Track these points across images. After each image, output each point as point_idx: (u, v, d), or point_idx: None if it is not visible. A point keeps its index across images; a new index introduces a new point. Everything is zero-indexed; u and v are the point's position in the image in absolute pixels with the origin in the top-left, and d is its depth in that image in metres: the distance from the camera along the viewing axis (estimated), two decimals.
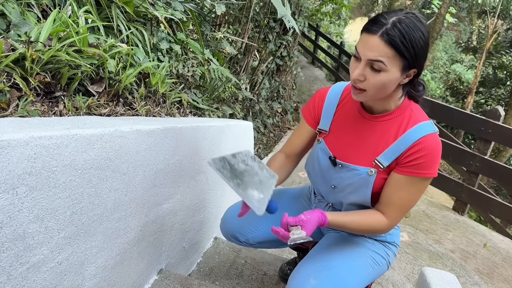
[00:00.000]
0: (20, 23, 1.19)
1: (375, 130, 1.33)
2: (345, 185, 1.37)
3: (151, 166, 1.32)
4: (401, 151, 1.26)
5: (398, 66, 1.13)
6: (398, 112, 1.29)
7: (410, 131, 1.26)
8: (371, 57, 1.12)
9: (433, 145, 1.23)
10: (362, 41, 1.14)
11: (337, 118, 1.43)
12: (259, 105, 4.37)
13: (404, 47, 1.10)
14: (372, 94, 1.20)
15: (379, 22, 1.11)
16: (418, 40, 1.12)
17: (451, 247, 3.39)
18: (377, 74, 1.14)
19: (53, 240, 0.93)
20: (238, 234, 1.61)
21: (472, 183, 3.99)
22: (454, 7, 16.65)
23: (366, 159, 1.33)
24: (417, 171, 1.25)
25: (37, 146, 0.83)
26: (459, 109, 4.01)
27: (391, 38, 1.09)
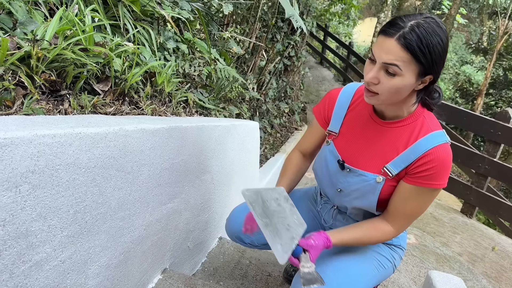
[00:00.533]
0: (27, 22, 1.19)
1: (386, 136, 1.29)
2: (352, 190, 1.36)
3: (155, 165, 1.32)
4: (411, 160, 1.22)
5: (413, 71, 1.10)
6: (411, 119, 1.26)
7: (421, 140, 1.22)
8: (386, 60, 1.08)
9: (443, 156, 1.20)
10: (378, 43, 1.11)
11: (348, 120, 1.40)
12: (266, 105, 4.36)
13: (421, 52, 1.06)
14: (385, 99, 1.17)
15: (397, 25, 1.08)
16: (436, 45, 1.08)
17: (459, 250, 3.35)
18: (392, 78, 1.11)
19: (56, 238, 0.93)
20: (243, 235, 1.60)
21: (481, 185, 3.95)
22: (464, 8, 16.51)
23: (375, 166, 1.30)
24: (426, 181, 1.22)
25: (41, 144, 0.83)
26: (468, 110, 3.97)
27: (408, 42, 1.05)
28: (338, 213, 1.52)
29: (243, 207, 1.65)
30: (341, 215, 1.51)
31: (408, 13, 1.18)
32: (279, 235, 1.21)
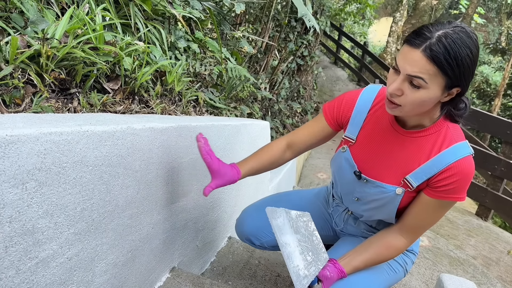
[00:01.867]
0: (38, 20, 1.20)
1: (407, 146, 1.24)
2: (369, 200, 1.33)
3: (164, 164, 1.32)
4: (434, 172, 1.18)
5: (439, 84, 1.04)
6: (434, 129, 1.20)
7: (444, 152, 1.17)
8: (411, 72, 1.03)
9: (467, 170, 1.15)
10: (403, 53, 1.05)
11: (366, 127, 1.34)
12: (278, 105, 4.35)
13: (448, 64, 1.00)
14: (408, 110, 1.11)
15: (423, 35, 1.02)
16: (464, 58, 1.01)
17: (473, 253, 3.30)
18: (416, 91, 1.05)
19: (63, 235, 0.93)
20: (253, 237, 1.60)
21: (497, 188, 3.88)
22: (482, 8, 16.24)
23: (395, 177, 1.26)
24: (448, 195, 1.19)
25: (47, 142, 0.84)
26: (484, 111, 3.90)
27: (435, 54, 1.00)
28: (350, 216, 1.50)
29: (253, 208, 1.64)
30: (353, 219, 1.49)
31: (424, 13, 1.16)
32: (299, 263, 1.21)
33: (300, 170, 4.97)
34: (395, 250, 1.31)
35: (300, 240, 1.26)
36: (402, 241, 1.31)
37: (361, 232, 1.49)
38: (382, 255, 1.32)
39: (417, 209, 1.26)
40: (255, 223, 1.59)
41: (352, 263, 1.31)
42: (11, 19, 1.16)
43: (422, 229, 1.30)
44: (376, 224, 1.44)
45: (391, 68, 1.12)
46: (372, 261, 1.33)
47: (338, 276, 1.28)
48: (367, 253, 1.32)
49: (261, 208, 1.61)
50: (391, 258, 1.35)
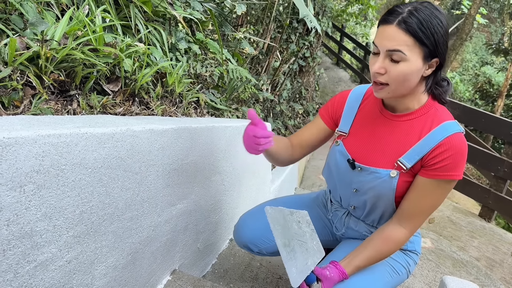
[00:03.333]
0: (37, 22, 1.20)
1: (397, 130, 1.27)
2: (367, 188, 1.32)
3: (164, 166, 1.31)
4: (426, 151, 1.20)
5: (419, 55, 1.10)
6: (422, 111, 1.24)
7: (435, 130, 1.20)
8: (390, 47, 1.09)
9: (459, 145, 1.17)
10: (379, 33, 1.12)
11: (358, 119, 1.39)
12: (280, 106, 4.34)
13: (423, 33, 1.07)
14: (395, 88, 1.15)
15: (395, 12, 1.09)
16: (436, 26, 1.09)
17: (476, 254, 3.27)
18: (398, 65, 1.10)
19: (62, 238, 0.93)
20: (251, 245, 1.58)
21: (500, 189, 3.85)
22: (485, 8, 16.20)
23: (388, 161, 1.27)
24: (443, 173, 1.19)
25: (46, 144, 0.83)
26: (487, 112, 3.88)
27: (409, 25, 1.06)
28: (351, 220, 1.48)
29: (250, 215, 1.62)
30: (354, 222, 1.47)
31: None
32: (296, 258, 1.21)
33: (302, 172, 4.96)
34: (395, 242, 1.28)
35: (297, 237, 1.26)
36: (402, 232, 1.28)
37: (362, 235, 1.48)
38: (382, 249, 1.29)
39: (414, 193, 1.25)
40: (253, 230, 1.57)
41: (353, 262, 1.29)
42: (11, 21, 1.15)
43: (421, 215, 1.26)
44: (377, 224, 1.42)
45: (371, 53, 1.17)
46: (373, 258, 1.30)
47: (339, 277, 1.27)
48: (366, 251, 1.30)
49: (258, 215, 1.60)
50: (392, 252, 1.31)
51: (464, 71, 19.63)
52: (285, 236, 1.24)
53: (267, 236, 1.55)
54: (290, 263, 1.19)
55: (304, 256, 1.23)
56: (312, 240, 1.30)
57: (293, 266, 1.19)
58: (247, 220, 1.61)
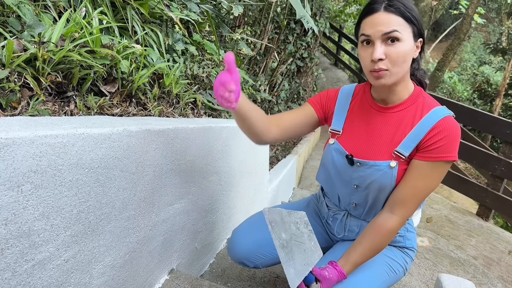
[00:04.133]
0: (35, 24, 1.21)
1: (390, 121, 1.31)
2: (368, 183, 1.32)
3: (161, 166, 1.32)
4: (421, 137, 1.23)
5: (410, 33, 1.17)
6: (411, 101, 1.29)
7: (426, 116, 1.24)
8: (385, 30, 1.14)
9: (451, 127, 1.21)
10: (369, 22, 1.17)
11: (350, 117, 1.41)
12: (278, 107, 4.35)
13: (409, 12, 1.15)
14: (396, 71, 1.19)
15: (376, 1, 1.17)
16: (413, 7, 1.18)
17: (474, 253, 3.29)
18: (396, 46, 1.15)
19: (59, 238, 0.94)
20: (247, 261, 1.56)
21: (497, 188, 3.87)
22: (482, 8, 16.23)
23: (385, 153, 1.29)
24: (438, 155, 1.21)
25: (43, 145, 0.85)
26: (484, 111, 3.89)
27: (396, 7, 1.14)
28: (352, 221, 1.48)
29: (244, 230, 1.60)
30: (355, 222, 1.47)
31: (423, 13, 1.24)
32: (294, 259, 1.22)
33: (301, 172, 4.97)
34: (388, 231, 1.28)
35: (295, 238, 1.27)
36: (393, 219, 1.28)
37: None
38: (376, 241, 1.29)
39: (408, 176, 1.26)
40: (247, 246, 1.54)
41: (350, 260, 1.30)
42: (8, 23, 1.17)
43: (413, 199, 1.26)
44: None
45: (361, 45, 1.21)
46: (369, 251, 1.30)
47: (337, 277, 1.27)
48: (361, 245, 1.30)
49: (252, 228, 1.58)
50: (387, 242, 1.31)
51: (462, 71, 19.66)
52: (283, 237, 1.25)
53: (262, 251, 1.54)
54: (288, 264, 1.20)
55: (302, 257, 1.24)
56: (310, 241, 1.31)
57: (291, 267, 1.20)
58: (241, 236, 1.58)
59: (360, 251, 1.30)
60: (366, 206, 1.40)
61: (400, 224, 1.29)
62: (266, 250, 1.54)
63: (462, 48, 19.79)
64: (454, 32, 17.66)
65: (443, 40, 22.52)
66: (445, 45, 19.53)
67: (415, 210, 1.30)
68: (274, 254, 1.54)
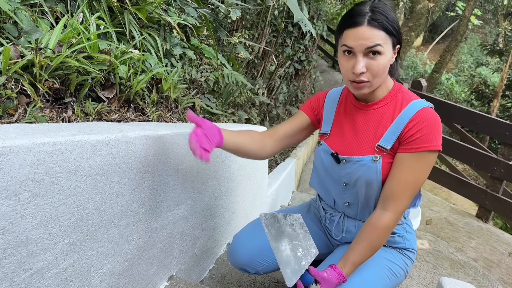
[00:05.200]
0: (32, 30, 1.20)
1: (372, 118, 1.36)
2: (355, 179, 1.35)
3: (160, 172, 1.31)
4: (401, 129, 1.27)
5: (390, 45, 1.21)
6: (391, 96, 1.34)
7: (405, 109, 1.28)
8: (369, 44, 1.17)
9: (429, 116, 1.25)
10: (351, 36, 1.19)
11: (337, 119, 1.46)
12: (277, 110, 4.35)
13: (391, 26, 1.18)
14: (376, 82, 1.25)
15: (360, 13, 1.18)
16: (394, 17, 1.21)
17: (474, 255, 3.28)
18: (377, 59, 1.19)
19: (58, 246, 0.93)
20: (247, 267, 1.55)
21: (496, 189, 3.86)
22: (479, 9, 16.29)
23: (368, 148, 1.33)
24: (420, 145, 1.24)
25: (40, 153, 0.84)
26: (482, 113, 3.89)
27: (379, 22, 1.16)
28: (348, 222, 1.48)
29: (244, 236, 1.59)
30: (352, 223, 1.47)
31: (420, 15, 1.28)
32: (290, 259, 1.23)
33: (300, 175, 4.96)
34: (382, 229, 1.28)
35: (291, 239, 1.29)
36: (387, 216, 1.28)
37: None
38: (372, 239, 1.29)
39: (395, 170, 1.28)
40: (248, 253, 1.53)
41: (348, 260, 1.30)
42: (5, 29, 1.16)
43: (404, 193, 1.27)
44: None
45: (343, 55, 1.24)
46: (366, 250, 1.30)
47: (337, 279, 1.26)
48: (358, 245, 1.31)
49: (253, 234, 1.57)
50: (383, 240, 1.31)
51: (459, 72, 19.70)
52: (279, 238, 1.26)
53: (263, 257, 1.53)
54: (284, 264, 1.21)
55: (298, 256, 1.25)
56: (306, 241, 1.31)
57: (288, 266, 1.21)
58: (242, 242, 1.56)
59: (357, 250, 1.30)
60: (359, 204, 1.41)
61: (394, 220, 1.29)
62: (267, 256, 1.53)
63: (459, 50, 19.84)
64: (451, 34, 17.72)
65: (440, 42, 22.60)
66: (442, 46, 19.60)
67: (407, 204, 1.30)
68: (275, 260, 1.53)
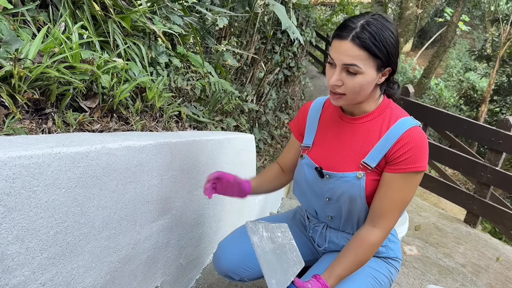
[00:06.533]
0: (12, 40, 1.19)
1: (358, 132, 1.32)
2: (338, 195, 1.33)
3: (143, 183, 1.30)
4: (387, 148, 1.24)
5: (373, 67, 1.16)
6: (379, 111, 1.30)
7: (393, 127, 1.25)
8: (346, 61, 1.14)
9: (418, 137, 1.23)
10: (334, 47, 1.17)
11: (320, 130, 1.43)
12: (266, 116, 4.35)
13: (376, 47, 1.12)
14: (352, 98, 1.22)
15: (348, 27, 1.14)
16: (388, 39, 1.14)
17: (462, 261, 3.30)
18: (354, 77, 1.16)
19: (35, 261, 0.91)
20: (232, 273, 1.54)
21: (484, 194, 3.89)
22: (467, 15, 16.50)
23: (353, 164, 1.31)
24: (407, 166, 1.22)
25: (16, 166, 0.82)
26: (469, 119, 3.93)
27: (362, 40, 1.11)
28: (331, 233, 1.48)
29: (229, 241, 1.59)
30: (334, 234, 1.47)
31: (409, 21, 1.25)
32: (275, 270, 1.22)
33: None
34: (370, 245, 1.28)
35: (277, 249, 1.27)
36: (375, 233, 1.28)
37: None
38: (359, 254, 1.29)
39: (382, 190, 1.27)
40: (233, 259, 1.53)
41: (333, 272, 1.28)
42: None
43: (392, 212, 1.27)
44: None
45: (327, 63, 1.22)
46: (352, 264, 1.29)
47: None
48: (345, 258, 1.30)
49: (237, 240, 1.57)
50: (370, 255, 1.31)
51: (448, 77, 19.90)
52: (265, 249, 1.25)
53: (248, 264, 1.52)
54: (270, 275, 1.20)
55: (283, 268, 1.24)
56: (292, 252, 1.31)
57: (273, 277, 1.20)
58: (227, 248, 1.56)
59: (344, 264, 1.29)
60: (342, 218, 1.40)
61: (383, 237, 1.29)
62: (252, 262, 1.52)
63: (448, 55, 20.05)
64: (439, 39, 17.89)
65: (429, 47, 22.80)
66: (431, 52, 19.77)
67: (396, 221, 1.31)
68: (260, 267, 1.52)
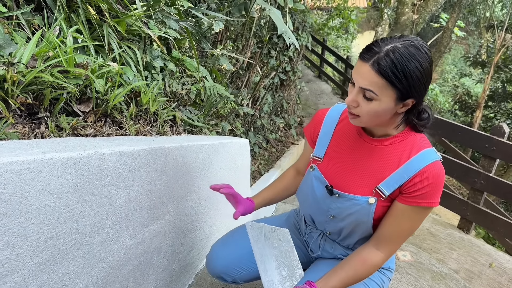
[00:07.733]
0: (5, 44, 1.18)
1: (376, 155, 1.26)
2: (345, 215, 1.31)
3: (135, 188, 1.30)
4: (405, 179, 1.19)
5: (390, 96, 1.09)
6: (401, 137, 1.24)
7: (414, 158, 1.19)
8: (362, 85, 1.09)
9: (438, 174, 1.17)
10: (356, 68, 1.11)
11: (334, 142, 1.37)
12: (261, 120, 4.35)
13: (396, 77, 1.05)
14: (366, 121, 1.16)
15: (372, 50, 1.07)
16: (412, 70, 1.05)
17: (455, 267, 3.31)
18: (369, 103, 1.11)
19: (26, 267, 0.91)
20: (225, 275, 1.54)
21: (477, 201, 3.91)
22: (462, 21, 16.61)
23: (366, 187, 1.26)
24: (422, 200, 1.19)
25: (7, 172, 0.82)
26: (463, 125, 3.95)
27: (382, 68, 1.04)
28: (326, 243, 1.48)
29: (222, 243, 1.59)
30: (330, 244, 1.47)
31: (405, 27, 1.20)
32: (274, 275, 1.21)
33: None
34: (371, 265, 1.28)
35: (276, 255, 1.26)
36: (378, 255, 1.27)
37: (338, 257, 1.47)
38: (358, 272, 1.28)
39: (391, 219, 1.24)
40: (226, 260, 1.53)
41: (328, 283, 1.28)
42: None
43: (398, 240, 1.26)
44: (353, 246, 1.42)
45: (350, 82, 1.16)
46: (349, 279, 1.29)
47: None
48: (343, 272, 1.29)
49: (231, 242, 1.57)
50: (369, 275, 1.31)
51: (444, 83, 20.02)
52: (264, 252, 1.24)
53: (241, 265, 1.52)
54: (268, 284, 1.19)
55: (283, 276, 1.23)
56: (292, 261, 1.30)
57: (271, 283, 1.19)
58: (220, 249, 1.56)
59: (341, 278, 1.28)
60: (341, 236, 1.40)
61: (385, 260, 1.29)
62: (244, 264, 1.52)
63: (443, 60, 20.18)
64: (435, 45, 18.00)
65: None
66: None
67: (399, 247, 1.31)
68: (252, 268, 1.52)
